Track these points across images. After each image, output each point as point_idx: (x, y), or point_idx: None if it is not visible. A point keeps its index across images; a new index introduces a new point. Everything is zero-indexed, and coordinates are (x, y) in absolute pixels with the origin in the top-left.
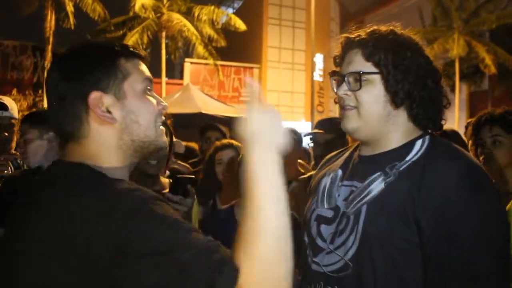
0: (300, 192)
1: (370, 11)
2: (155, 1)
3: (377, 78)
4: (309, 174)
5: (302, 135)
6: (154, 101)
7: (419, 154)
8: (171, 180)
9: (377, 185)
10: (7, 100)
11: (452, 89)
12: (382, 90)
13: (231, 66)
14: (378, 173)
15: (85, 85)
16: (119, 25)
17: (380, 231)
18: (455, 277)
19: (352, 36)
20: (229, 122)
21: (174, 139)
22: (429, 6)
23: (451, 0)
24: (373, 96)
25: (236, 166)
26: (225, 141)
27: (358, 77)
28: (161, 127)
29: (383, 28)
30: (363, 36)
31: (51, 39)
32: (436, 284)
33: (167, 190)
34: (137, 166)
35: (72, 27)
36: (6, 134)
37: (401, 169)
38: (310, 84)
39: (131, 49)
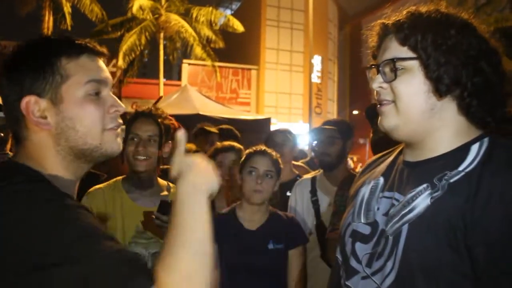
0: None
1: (368, 13)
2: (153, 2)
3: (415, 64)
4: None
5: (308, 134)
6: (99, 106)
7: (475, 162)
8: (170, 184)
9: (422, 201)
10: None
11: None
12: (422, 78)
13: (229, 67)
14: (424, 186)
15: (21, 89)
16: (117, 26)
17: (423, 258)
18: None
19: (387, 21)
20: (227, 123)
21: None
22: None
23: (449, 2)
24: (412, 86)
25: (237, 169)
26: (226, 143)
27: (393, 65)
28: (118, 131)
29: (424, 7)
30: (397, 20)
31: None
32: None
33: (165, 193)
34: (128, 164)
35: (69, 28)
36: (2, 134)
37: (451, 181)
38: (308, 86)
39: (78, 46)
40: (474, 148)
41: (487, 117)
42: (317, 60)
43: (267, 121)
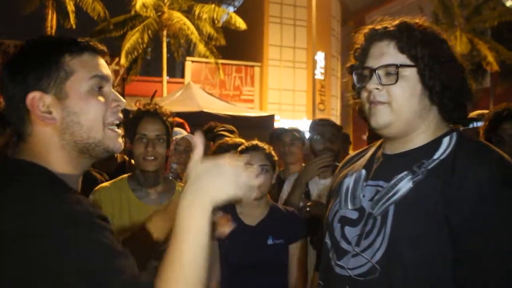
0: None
1: (371, 9)
2: None
3: (412, 71)
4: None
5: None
6: (102, 100)
7: (448, 151)
8: (176, 182)
9: (405, 184)
10: None
11: None
12: (417, 84)
13: (232, 64)
14: (405, 172)
15: (25, 85)
16: (120, 24)
17: (410, 232)
18: (488, 274)
19: (378, 27)
20: (231, 120)
21: (186, 133)
22: (430, 3)
23: None
24: (408, 90)
25: None
26: (230, 140)
27: (394, 70)
28: (119, 131)
29: (408, 19)
30: (392, 28)
31: None
32: (469, 284)
33: (170, 191)
34: (136, 164)
35: (74, 27)
36: None
37: (429, 167)
38: (312, 82)
39: (80, 44)
40: (446, 140)
41: (459, 118)
42: (320, 57)
43: (270, 118)
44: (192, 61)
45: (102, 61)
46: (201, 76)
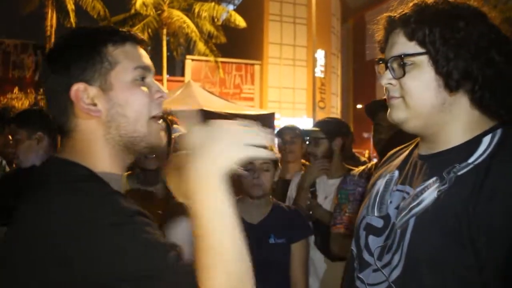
0: None
1: (371, 7)
2: None
3: (424, 59)
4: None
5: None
6: (146, 91)
7: (485, 154)
8: None
9: (430, 194)
10: None
11: None
12: (431, 73)
13: (232, 62)
14: (434, 178)
15: (69, 77)
16: (120, 23)
17: (428, 251)
18: None
19: (394, 14)
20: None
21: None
22: (432, 1)
23: None
24: (421, 82)
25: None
26: None
27: (401, 61)
28: (157, 123)
29: None
30: (405, 12)
31: (52, 38)
32: None
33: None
34: (136, 162)
35: (74, 25)
36: None
37: (459, 173)
38: (312, 80)
39: (121, 33)
40: (486, 140)
41: (500, 109)
42: (320, 55)
43: (270, 116)
44: (192, 60)
45: (143, 51)
46: (201, 74)
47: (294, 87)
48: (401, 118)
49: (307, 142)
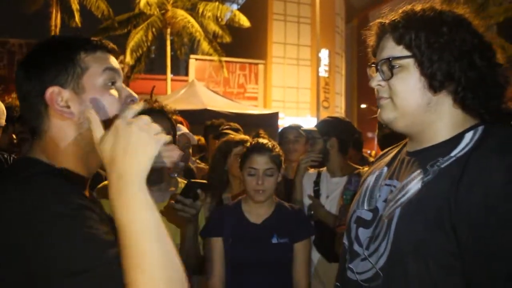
0: None
1: (375, 6)
2: None
3: (410, 62)
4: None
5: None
6: (116, 94)
7: (467, 148)
8: (179, 179)
9: (414, 185)
10: None
11: None
12: (417, 75)
13: (236, 62)
14: (418, 171)
15: (43, 81)
16: (124, 23)
17: (413, 239)
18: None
19: (384, 20)
20: (235, 118)
21: (186, 130)
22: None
23: None
24: (408, 83)
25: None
26: (237, 136)
27: (389, 64)
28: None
29: (418, 6)
30: (394, 18)
31: None
32: None
33: (172, 188)
34: None
35: (79, 25)
36: None
37: (442, 166)
38: (316, 80)
39: (93, 42)
40: (468, 135)
41: (481, 109)
42: (324, 54)
43: (274, 116)
44: (196, 59)
45: (113, 58)
46: (205, 74)
47: (298, 86)
48: (390, 118)
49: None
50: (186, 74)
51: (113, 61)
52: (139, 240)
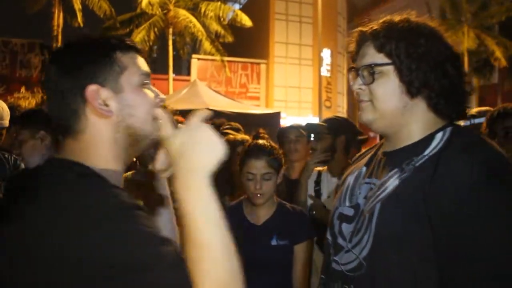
0: None
1: (377, 5)
2: None
3: (390, 69)
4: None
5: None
6: (151, 94)
7: (438, 148)
8: None
9: (392, 182)
10: None
11: None
12: (396, 81)
13: (238, 62)
14: (395, 170)
15: (82, 78)
16: (126, 22)
17: (393, 231)
18: (470, 279)
19: (365, 29)
20: (237, 118)
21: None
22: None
23: None
24: (387, 88)
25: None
26: (239, 136)
27: (371, 69)
28: (158, 122)
29: (397, 17)
30: (374, 28)
31: (59, 37)
32: (453, 286)
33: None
34: (142, 162)
35: (81, 25)
36: None
37: (417, 164)
38: (318, 79)
39: (127, 42)
40: (438, 136)
41: (452, 113)
42: (326, 54)
43: (276, 115)
44: (198, 59)
45: (142, 59)
46: (207, 73)
47: (300, 86)
48: (370, 119)
49: (312, 137)
50: (188, 73)
51: (144, 63)
52: (205, 232)
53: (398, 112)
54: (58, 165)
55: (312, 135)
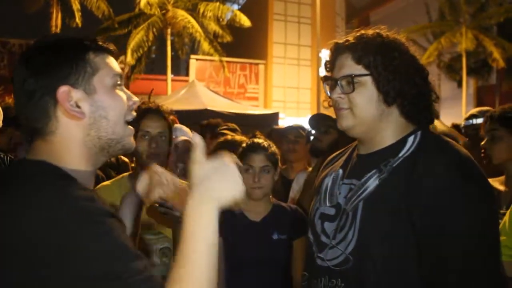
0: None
1: (375, 6)
2: None
3: (368, 79)
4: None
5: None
6: (124, 96)
7: (411, 149)
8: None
9: (372, 182)
10: None
11: (460, 84)
12: (374, 90)
13: (236, 62)
14: (374, 171)
15: (54, 79)
16: (124, 23)
17: (376, 226)
18: (446, 271)
19: (341, 41)
20: (235, 118)
21: (190, 135)
22: (436, 0)
23: None
24: (366, 97)
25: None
26: (237, 136)
27: (351, 80)
28: (130, 127)
29: (370, 31)
30: (351, 41)
31: None
32: (431, 277)
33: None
34: (138, 162)
35: (80, 25)
36: None
37: (394, 165)
38: (316, 80)
39: (100, 43)
40: (410, 139)
41: (421, 118)
42: (325, 54)
43: (275, 116)
44: (197, 59)
45: (114, 60)
46: (206, 74)
47: (298, 86)
48: (349, 125)
49: (311, 136)
50: (187, 74)
51: (116, 64)
52: (200, 254)
53: (375, 118)
54: (28, 166)
55: (313, 131)
